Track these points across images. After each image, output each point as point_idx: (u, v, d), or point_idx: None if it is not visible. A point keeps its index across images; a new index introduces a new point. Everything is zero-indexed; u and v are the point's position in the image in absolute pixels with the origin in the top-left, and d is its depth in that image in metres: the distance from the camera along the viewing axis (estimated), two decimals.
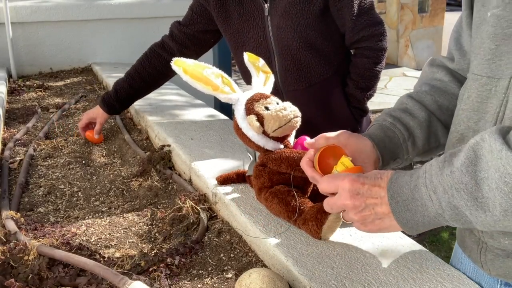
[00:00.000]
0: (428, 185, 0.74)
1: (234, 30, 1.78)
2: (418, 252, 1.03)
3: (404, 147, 1.00)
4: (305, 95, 1.76)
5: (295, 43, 1.67)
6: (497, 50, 0.79)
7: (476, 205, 0.68)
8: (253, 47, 1.75)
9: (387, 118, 1.02)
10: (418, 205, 0.76)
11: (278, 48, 1.71)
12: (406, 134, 1.00)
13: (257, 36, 1.73)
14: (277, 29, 1.68)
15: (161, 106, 2.36)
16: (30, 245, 1.16)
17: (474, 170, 0.68)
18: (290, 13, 1.64)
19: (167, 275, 1.10)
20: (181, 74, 1.16)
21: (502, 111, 0.78)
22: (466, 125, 0.86)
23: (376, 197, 0.80)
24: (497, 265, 0.84)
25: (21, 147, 1.99)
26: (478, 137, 0.70)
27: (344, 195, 0.83)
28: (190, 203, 1.36)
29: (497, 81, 0.79)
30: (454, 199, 0.70)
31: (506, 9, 0.77)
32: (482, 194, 0.67)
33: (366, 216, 0.83)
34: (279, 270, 1.04)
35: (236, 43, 1.81)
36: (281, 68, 1.74)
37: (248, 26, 1.73)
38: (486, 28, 0.81)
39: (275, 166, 1.18)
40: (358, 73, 1.74)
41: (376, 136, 0.99)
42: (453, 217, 0.73)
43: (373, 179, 0.81)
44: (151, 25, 4.06)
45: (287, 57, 1.71)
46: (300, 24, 1.64)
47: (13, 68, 3.49)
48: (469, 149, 0.70)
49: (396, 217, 0.78)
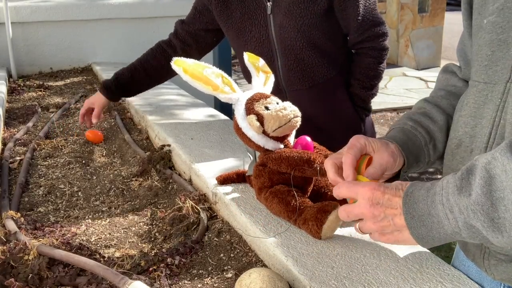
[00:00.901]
0: (444, 203, 0.73)
1: (236, 29, 1.77)
2: (418, 252, 1.03)
3: (426, 150, 0.99)
4: (308, 94, 1.75)
5: (298, 43, 1.66)
6: (493, 56, 0.80)
7: (492, 226, 0.67)
8: (255, 46, 1.74)
9: (407, 122, 1.01)
10: (434, 222, 0.75)
11: (280, 47, 1.70)
12: (428, 138, 0.99)
13: (259, 35, 1.72)
14: (280, 28, 1.67)
15: (161, 106, 2.36)
16: (30, 245, 1.16)
17: (489, 190, 0.67)
18: (293, 12, 1.63)
19: (167, 275, 1.10)
20: (181, 73, 1.16)
21: (499, 116, 0.78)
22: (464, 131, 0.87)
23: (396, 207, 0.79)
24: (500, 270, 0.84)
25: (21, 147, 1.99)
26: (490, 156, 0.69)
27: (364, 203, 0.82)
28: (190, 203, 1.36)
29: (493, 87, 0.80)
30: (471, 219, 0.70)
31: (500, 16, 0.78)
32: (498, 214, 0.67)
33: (384, 227, 0.81)
34: (279, 270, 1.04)
35: (238, 42, 1.80)
36: (284, 67, 1.73)
37: (250, 25, 1.72)
38: (482, 35, 0.82)
39: (275, 166, 1.18)
40: (363, 72, 1.74)
41: (400, 139, 0.98)
42: (470, 235, 0.72)
43: (394, 190, 0.80)
44: (151, 25, 4.06)
45: (290, 56, 1.70)
46: (303, 24, 1.63)
47: (13, 68, 3.49)
48: (481, 169, 0.69)
49: (411, 232, 0.77)
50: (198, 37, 1.97)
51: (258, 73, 1.29)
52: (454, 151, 0.90)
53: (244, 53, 1.32)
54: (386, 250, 1.04)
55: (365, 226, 0.85)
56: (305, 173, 1.14)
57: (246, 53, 1.32)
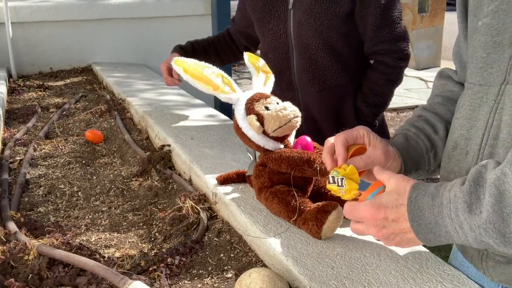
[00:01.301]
0: (453, 219, 0.73)
1: (257, 19, 1.74)
2: (418, 252, 1.03)
3: (426, 158, 1.00)
4: (318, 97, 1.71)
5: (314, 42, 1.62)
6: (488, 58, 0.80)
7: (504, 241, 0.68)
8: (272, 39, 1.71)
9: (410, 129, 1.02)
10: (442, 231, 0.76)
11: (297, 45, 1.66)
12: (429, 145, 1.00)
13: (277, 29, 1.69)
14: (298, 24, 1.63)
15: (161, 106, 2.36)
16: (30, 245, 1.15)
17: (500, 207, 0.67)
18: (314, 11, 1.59)
19: (167, 275, 1.09)
20: (181, 73, 1.17)
21: (492, 117, 0.79)
22: (459, 133, 0.87)
23: (403, 227, 0.81)
24: (498, 271, 0.84)
25: (21, 147, 1.99)
26: (499, 172, 0.69)
27: (371, 229, 0.85)
28: (190, 203, 1.36)
29: (488, 89, 0.80)
30: (482, 237, 0.70)
31: (495, 18, 0.78)
32: (509, 229, 0.67)
33: (398, 242, 0.84)
34: (279, 270, 1.04)
35: (259, 32, 1.78)
36: (298, 66, 1.69)
37: (270, 17, 1.69)
38: (477, 37, 0.82)
39: (275, 166, 1.18)
40: (369, 87, 1.68)
41: (400, 143, 0.99)
42: (480, 246, 0.74)
43: (395, 208, 0.81)
44: (151, 25, 4.06)
45: (304, 55, 1.66)
46: (322, 24, 1.59)
47: (13, 68, 3.49)
48: (490, 186, 0.69)
49: (419, 237, 0.79)
50: (244, 34, 1.97)
51: (258, 73, 1.29)
52: (450, 154, 0.90)
53: (244, 53, 1.32)
54: (386, 250, 1.04)
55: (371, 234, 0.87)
56: (305, 173, 1.14)
57: (246, 53, 1.32)
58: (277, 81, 1.80)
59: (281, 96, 1.83)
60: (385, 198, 0.82)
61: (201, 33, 4.24)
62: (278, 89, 1.78)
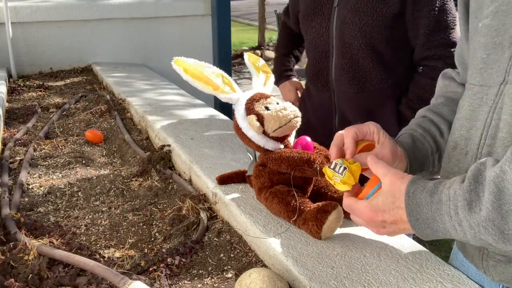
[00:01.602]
0: (452, 216, 0.74)
1: (302, 15, 1.71)
2: (418, 252, 1.03)
3: (431, 160, 1.00)
4: (356, 100, 1.65)
5: (356, 42, 1.57)
6: (488, 59, 0.80)
7: (503, 238, 0.69)
8: (314, 36, 1.67)
9: (417, 129, 1.02)
10: (440, 228, 0.76)
11: (338, 44, 1.61)
12: (434, 147, 1.00)
13: (319, 26, 1.64)
14: (342, 23, 1.58)
15: (161, 106, 2.36)
16: (30, 245, 1.15)
17: (499, 205, 0.68)
18: (359, 10, 1.54)
19: (167, 275, 1.09)
20: (181, 73, 1.16)
21: (490, 117, 0.79)
22: (459, 134, 0.87)
23: (403, 228, 0.82)
24: (499, 271, 0.84)
25: (21, 147, 1.99)
26: (498, 169, 0.69)
27: (371, 228, 0.87)
28: (190, 203, 1.36)
29: (488, 89, 0.80)
30: (481, 234, 0.71)
31: (495, 19, 0.78)
32: (508, 226, 0.67)
33: (398, 234, 0.87)
34: (279, 270, 1.04)
35: (302, 31, 1.74)
36: (337, 66, 1.64)
37: (314, 14, 1.65)
38: (478, 38, 0.82)
39: (275, 166, 1.18)
40: (417, 93, 1.60)
41: (407, 144, 0.99)
42: (478, 244, 0.74)
43: (393, 212, 0.81)
44: (151, 25, 4.07)
45: (345, 55, 1.61)
46: (367, 24, 1.54)
47: (13, 68, 3.49)
48: (490, 183, 0.69)
49: (416, 231, 0.80)
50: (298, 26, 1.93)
51: (258, 73, 1.29)
52: (450, 154, 0.90)
53: (244, 53, 1.32)
54: (386, 250, 1.04)
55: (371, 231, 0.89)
56: (305, 173, 1.14)
57: (246, 53, 1.32)
58: (314, 80, 1.76)
59: (316, 97, 1.79)
60: (382, 201, 0.83)
61: (201, 33, 4.28)
62: (315, 89, 1.77)
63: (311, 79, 1.79)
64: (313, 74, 1.75)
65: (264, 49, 9.99)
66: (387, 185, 0.83)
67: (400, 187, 0.81)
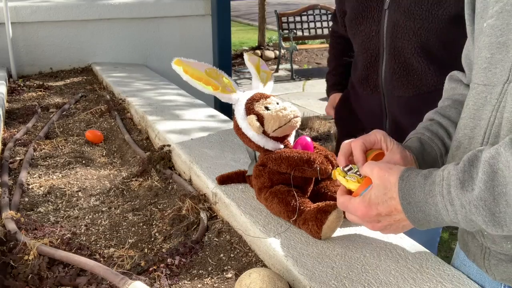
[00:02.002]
0: (445, 195, 0.74)
1: (349, 18, 1.66)
2: (418, 252, 1.03)
3: (440, 162, 1.00)
4: (410, 103, 1.59)
5: (410, 46, 1.51)
6: (492, 59, 0.80)
7: (493, 220, 0.69)
8: (363, 40, 1.62)
9: (425, 133, 1.02)
10: (432, 210, 0.76)
11: (389, 48, 1.56)
12: (443, 150, 1.00)
13: (369, 30, 1.59)
14: (394, 26, 1.52)
15: (161, 106, 2.36)
16: (30, 245, 1.16)
17: (492, 185, 0.68)
18: (413, 13, 1.48)
19: (167, 275, 1.10)
20: (181, 74, 1.17)
21: (494, 116, 0.79)
22: (463, 133, 0.87)
23: (398, 218, 0.82)
24: (500, 270, 0.84)
25: (21, 147, 1.99)
26: (493, 151, 0.70)
27: (367, 224, 0.86)
28: (190, 203, 1.36)
29: (492, 88, 0.80)
30: (472, 214, 0.71)
31: (499, 19, 0.78)
32: (499, 209, 0.68)
33: (394, 230, 0.86)
34: (279, 270, 1.04)
35: (350, 34, 1.69)
36: (388, 69, 1.59)
37: (362, 17, 1.59)
38: (483, 38, 0.83)
39: (275, 166, 1.18)
40: None
41: (416, 149, 0.99)
42: (468, 226, 0.74)
43: (387, 204, 0.81)
44: (151, 25, 4.07)
45: (398, 59, 1.55)
46: (422, 27, 1.48)
47: (13, 68, 3.49)
48: (484, 163, 0.70)
49: (408, 216, 0.79)
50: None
51: (259, 73, 1.29)
52: (454, 153, 0.90)
53: (244, 53, 1.32)
54: (386, 250, 1.04)
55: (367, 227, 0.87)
56: (305, 173, 1.14)
57: (246, 53, 1.32)
58: (364, 85, 1.69)
59: (366, 101, 1.72)
60: (374, 194, 0.83)
61: (201, 33, 4.28)
62: (364, 94, 1.71)
63: (360, 83, 1.72)
64: (363, 78, 1.69)
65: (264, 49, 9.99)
66: (376, 178, 0.83)
67: (389, 178, 0.81)
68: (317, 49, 10.00)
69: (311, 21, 9.00)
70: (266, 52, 9.82)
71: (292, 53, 8.66)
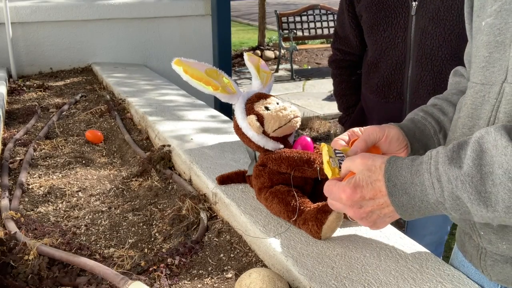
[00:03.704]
0: (432, 172, 0.73)
1: (369, 25, 1.60)
2: (418, 252, 1.03)
3: (436, 139, 1.02)
4: None
5: (440, 53, 1.48)
6: (490, 58, 0.80)
7: (478, 199, 0.68)
8: (387, 47, 1.58)
9: (419, 113, 1.05)
10: (418, 190, 0.75)
11: (417, 54, 1.52)
12: (437, 128, 1.02)
13: (394, 36, 1.54)
14: (422, 33, 1.49)
15: (161, 106, 2.36)
16: (30, 245, 1.16)
17: (479, 163, 0.68)
18: (442, 18, 1.45)
19: (167, 275, 1.10)
20: (181, 74, 1.17)
21: (493, 116, 0.79)
22: (461, 132, 0.87)
23: (382, 203, 0.79)
24: (496, 270, 0.84)
25: (21, 147, 1.99)
26: (483, 131, 0.70)
27: (348, 210, 0.83)
28: (190, 203, 1.36)
29: (490, 88, 0.80)
30: (458, 190, 0.70)
31: (497, 18, 0.79)
32: (485, 188, 0.67)
33: (374, 219, 0.83)
34: (279, 270, 1.04)
35: (369, 39, 1.64)
36: (415, 77, 1.55)
37: (386, 23, 1.55)
38: (481, 37, 0.83)
39: (275, 166, 1.18)
40: None
41: (406, 126, 1.01)
42: (453, 207, 0.72)
43: (371, 186, 0.80)
44: (151, 25, 4.07)
45: (425, 66, 1.51)
46: (452, 33, 1.45)
47: (13, 68, 3.49)
48: (474, 142, 0.70)
49: (392, 200, 0.77)
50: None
51: (259, 73, 1.29)
52: None
53: (244, 53, 1.32)
54: (386, 250, 1.04)
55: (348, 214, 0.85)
56: (305, 173, 1.14)
57: (246, 53, 1.32)
58: (385, 92, 1.63)
59: (385, 108, 1.64)
60: (359, 177, 0.82)
61: (201, 33, 4.28)
62: (383, 101, 1.65)
63: (378, 91, 1.67)
64: (384, 85, 1.63)
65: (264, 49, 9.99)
66: (359, 165, 0.82)
67: (374, 163, 0.81)
68: (317, 49, 10.00)
69: (311, 21, 9.00)
70: (266, 52, 9.81)
71: (292, 53, 8.65)
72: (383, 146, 0.94)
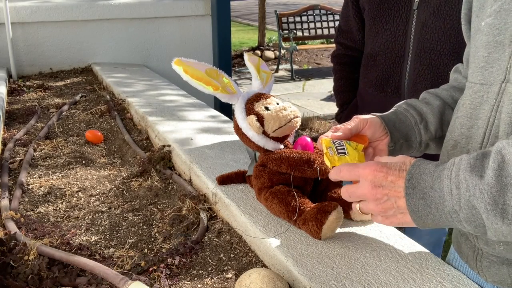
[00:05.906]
0: (452, 178, 0.72)
1: (371, 17, 1.61)
2: (418, 252, 1.03)
3: (416, 130, 1.03)
4: None
5: (439, 47, 1.49)
6: (489, 58, 0.80)
7: (495, 210, 0.67)
8: (387, 40, 1.58)
9: (402, 105, 1.08)
10: (436, 196, 0.73)
11: (416, 48, 1.53)
12: (418, 118, 1.03)
13: (395, 29, 1.55)
14: (423, 27, 1.50)
15: (161, 106, 2.36)
16: (30, 245, 1.16)
17: (500, 174, 0.66)
18: (444, 13, 1.46)
19: (167, 275, 1.10)
20: (181, 74, 1.16)
21: (493, 116, 0.79)
22: (460, 132, 0.87)
23: (400, 190, 0.77)
24: (492, 272, 0.84)
25: (21, 147, 1.99)
26: (505, 142, 0.69)
27: (366, 185, 0.80)
28: (190, 203, 1.36)
29: (489, 88, 0.80)
30: (475, 199, 0.68)
31: (497, 18, 0.79)
32: (503, 201, 0.66)
33: (387, 209, 0.80)
34: (279, 270, 1.04)
35: (370, 31, 1.64)
36: (413, 71, 1.55)
37: (388, 16, 1.56)
38: (480, 37, 0.83)
39: (275, 166, 1.18)
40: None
41: (387, 116, 1.04)
42: (468, 217, 0.71)
43: (398, 171, 0.78)
44: (151, 25, 4.07)
45: (424, 60, 1.52)
46: (453, 28, 1.45)
47: (13, 68, 3.49)
48: (496, 152, 0.69)
49: (408, 203, 0.76)
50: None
51: (259, 73, 1.29)
52: (450, 152, 0.90)
53: (244, 53, 1.32)
54: (386, 250, 1.04)
55: (367, 207, 0.83)
56: (305, 174, 1.14)
57: (246, 53, 1.32)
58: (383, 85, 1.64)
59: (384, 102, 1.61)
60: (390, 163, 0.81)
61: (201, 33, 4.28)
62: (382, 95, 1.66)
63: (377, 85, 1.67)
64: (382, 79, 1.64)
65: (264, 49, 9.99)
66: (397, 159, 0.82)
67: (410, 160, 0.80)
68: (317, 49, 10.01)
69: (311, 21, 9.00)
70: (266, 52, 9.82)
71: (292, 53, 8.66)
72: (368, 133, 0.99)
